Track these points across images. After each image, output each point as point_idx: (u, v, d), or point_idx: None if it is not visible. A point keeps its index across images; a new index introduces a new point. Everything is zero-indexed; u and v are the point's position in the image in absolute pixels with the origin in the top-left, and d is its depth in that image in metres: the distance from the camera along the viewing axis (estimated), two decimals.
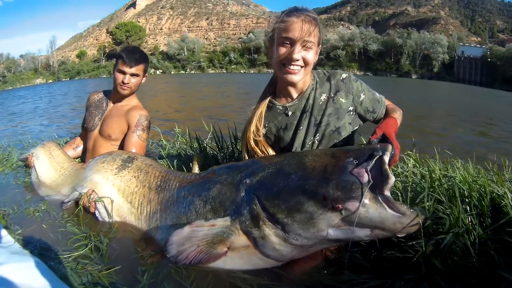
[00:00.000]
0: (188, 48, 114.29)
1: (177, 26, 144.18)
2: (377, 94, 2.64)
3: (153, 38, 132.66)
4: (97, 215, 2.81)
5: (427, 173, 2.68)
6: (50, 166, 3.67)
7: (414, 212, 1.83)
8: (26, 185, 3.72)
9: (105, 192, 2.83)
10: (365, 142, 2.78)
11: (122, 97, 3.81)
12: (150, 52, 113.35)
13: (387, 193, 1.82)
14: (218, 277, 2.07)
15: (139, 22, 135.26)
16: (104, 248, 2.37)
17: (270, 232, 1.98)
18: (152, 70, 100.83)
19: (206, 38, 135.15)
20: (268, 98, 2.58)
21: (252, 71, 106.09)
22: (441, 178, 2.60)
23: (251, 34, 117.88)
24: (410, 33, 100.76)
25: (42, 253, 2.35)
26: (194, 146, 4.76)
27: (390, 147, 1.99)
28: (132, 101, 3.88)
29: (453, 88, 58.24)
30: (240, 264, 2.12)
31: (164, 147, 5.19)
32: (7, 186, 3.72)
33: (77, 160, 4.06)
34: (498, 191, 2.27)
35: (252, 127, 2.54)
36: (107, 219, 2.76)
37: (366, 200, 1.80)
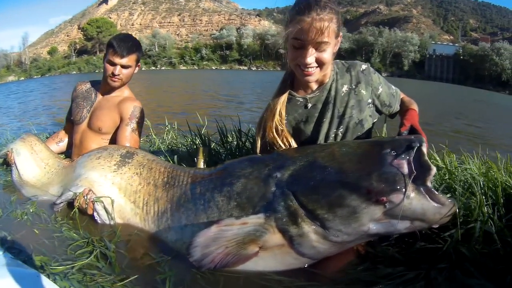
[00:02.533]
0: (159, 44, 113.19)
1: (148, 21, 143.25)
2: (392, 87, 2.57)
3: None
4: (95, 217, 2.54)
5: (444, 165, 2.72)
6: (33, 162, 3.35)
7: (452, 202, 1.82)
8: (8, 184, 3.36)
9: (103, 191, 2.56)
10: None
11: (112, 88, 3.51)
12: None
13: (429, 184, 1.80)
14: (250, 280, 1.92)
15: (110, 18, 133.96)
16: (112, 255, 2.09)
17: (309, 229, 1.87)
18: None
19: (177, 34, 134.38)
20: (288, 89, 2.44)
21: (223, 68, 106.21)
22: (455, 170, 2.66)
23: (223, 30, 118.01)
24: (381, 32, 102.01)
25: (39, 263, 2.03)
26: (196, 141, 4.48)
27: (424, 138, 1.95)
28: (124, 91, 3.59)
29: (423, 85, 59.18)
30: (273, 265, 1.98)
31: (153, 142, 4.93)
32: None
33: (61, 156, 3.73)
34: (510, 182, 2.39)
35: (276, 116, 2.37)
36: (107, 221, 2.51)
37: (409, 192, 1.77)
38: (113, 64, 3.32)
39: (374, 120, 2.51)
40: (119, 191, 2.55)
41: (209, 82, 38.76)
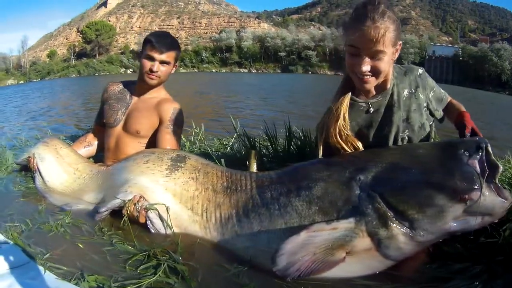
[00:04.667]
0: None
1: (147, 24, 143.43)
2: (442, 91, 2.58)
3: (124, 37, 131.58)
4: (149, 227, 2.34)
5: None
6: (59, 168, 3.13)
7: None
8: (30, 192, 3.10)
9: (156, 198, 2.38)
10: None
11: (149, 88, 3.33)
12: (120, 51, 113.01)
13: (497, 180, 1.91)
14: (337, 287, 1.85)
15: (110, 21, 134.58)
16: (183, 268, 1.91)
17: (398, 231, 1.87)
18: (122, 69, 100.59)
19: (177, 37, 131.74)
20: (349, 93, 2.37)
21: (223, 70, 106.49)
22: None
23: (223, 33, 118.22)
24: None
25: (95, 284, 1.83)
26: (247, 144, 4.17)
27: (486, 139, 2.03)
28: (161, 92, 3.41)
29: None
30: (358, 269, 1.93)
31: (183, 145, 4.66)
32: (8, 195, 3.10)
33: (91, 160, 3.53)
34: None
35: (340, 120, 2.31)
36: (162, 230, 2.32)
37: (484, 189, 1.84)
38: (152, 59, 3.14)
39: (430, 123, 2.50)
40: (174, 198, 2.37)
41: (220, 84, 38.71)
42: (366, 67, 2.07)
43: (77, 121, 9.29)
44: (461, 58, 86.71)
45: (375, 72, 2.11)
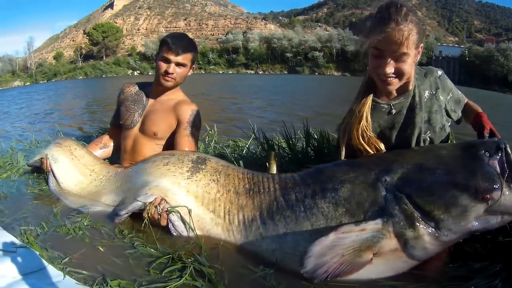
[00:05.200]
0: None
1: (154, 26, 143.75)
2: (459, 92, 2.60)
3: (130, 39, 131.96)
4: (171, 229, 2.31)
5: None
6: (74, 169, 3.11)
7: None
8: (44, 194, 3.06)
9: (178, 200, 2.35)
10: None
11: (165, 90, 3.31)
12: (127, 53, 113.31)
13: None
14: None
15: (116, 22, 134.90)
16: (210, 271, 1.89)
17: (424, 231, 1.89)
18: (129, 71, 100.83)
19: None
20: (371, 94, 2.39)
21: (230, 72, 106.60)
22: None
23: (229, 34, 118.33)
24: None
25: None
26: (264, 146, 4.17)
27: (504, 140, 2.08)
28: (178, 94, 3.40)
29: None
30: (384, 270, 1.93)
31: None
32: (21, 197, 3.06)
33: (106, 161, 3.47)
34: None
35: (363, 122, 2.33)
36: (184, 233, 2.30)
37: (505, 189, 1.87)
38: (168, 61, 3.13)
39: (449, 124, 2.53)
40: (196, 200, 2.36)
41: (230, 86, 38.78)
42: (390, 69, 2.10)
43: (81, 124, 9.25)
44: (467, 59, 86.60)
45: (399, 74, 2.13)
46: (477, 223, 1.89)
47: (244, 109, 15.19)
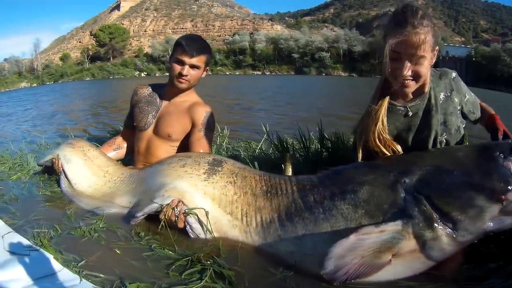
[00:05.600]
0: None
1: (161, 28, 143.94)
2: (472, 94, 2.62)
3: (137, 40, 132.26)
4: (188, 231, 2.31)
5: None
6: (88, 170, 3.11)
7: None
8: (55, 196, 3.04)
9: (196, 202, 2.36)
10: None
11: (179, 92, 3.31)
12: (134, 55, 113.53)
13: None
14: None
15: (123, 24, 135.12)
16: (230, 273, 1.88)
17: (442, 232, 1.90)
18: (136, 73, 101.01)
19: None
20: (387, 96, 2.42)
21: (237, 73, 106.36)
22: None
23: (236, 35, 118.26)
24: None
25: None
26: (278, 147, 4.13)
27: None
28: (192, 96, 3.40)
29: None
30: (402, 271, 1.94)
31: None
32: (32, 199, 3.02)
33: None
34: None
35: (379, 124, 2.36)
36: (202, 235, 2.30)
37: None
38: (182, 63, 3.12)
39: (463, 126, 2.55)
40: (213, 202, 2.36)
41: (241, 87, 38.69)
42: (407, 72, 2.14)
43: (87, 125, 9.26)
44: (473, 59, 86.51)
45: (416, 76, 2.18)
46: (492, 223, 1.90)
47: (251, 111, 15.13)
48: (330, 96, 24.93)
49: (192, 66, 3.13)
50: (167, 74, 3.27)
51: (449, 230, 1.89)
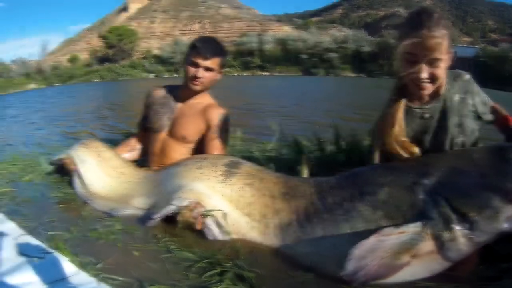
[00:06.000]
0: (182, 51, 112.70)
1: (169, 29, 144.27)
2: (485, 95, 2.59)
3: (146, 42, 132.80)
4: (206, 233, 2.31)
5: None
6: (102, 171, 3.09)
7: None
8: (69, 198, 3.00)
9: (213, 204, 2.37)
10: None
11: (193, 94, 3.31)
12: (142, 56, 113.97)
13: None
14: None
15: (131, 26, 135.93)
16: (250, 275, 1.88)
17: (459, 233, 1.91)
18: (144, 74, 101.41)
19: None
20: (404, 99, 2.42)
21: (246, 74, 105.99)
22: None
23: (244, 37, 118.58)
24: None
25: None
26: (294, 149, 4.16)
27: None
28: (206, 98, 3.39)
29: None
30: (419, 272, 1.94)
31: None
32: (45, 201, 3.01)
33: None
34: None
35: (396, 126, 2.37)
36: (220, 237, 2.30)
37: None
38: (196, 65, 3.12)
39: (477, 127, 2.53)
40: (231, 204, 2.38)
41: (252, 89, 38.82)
42: (424, 74, 2.15)
43: (96, 127, 9.28)
44: (481, 59, 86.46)
45: (433, 79, 2.19)
46: (506, 224, 1.91)
47: (260, 112, 15.16)
48: (338, 98, 24.95)
49: (207, 69, 3.13)
50: (176, 75, 3.28)
51: (466, 231, 1.91)
